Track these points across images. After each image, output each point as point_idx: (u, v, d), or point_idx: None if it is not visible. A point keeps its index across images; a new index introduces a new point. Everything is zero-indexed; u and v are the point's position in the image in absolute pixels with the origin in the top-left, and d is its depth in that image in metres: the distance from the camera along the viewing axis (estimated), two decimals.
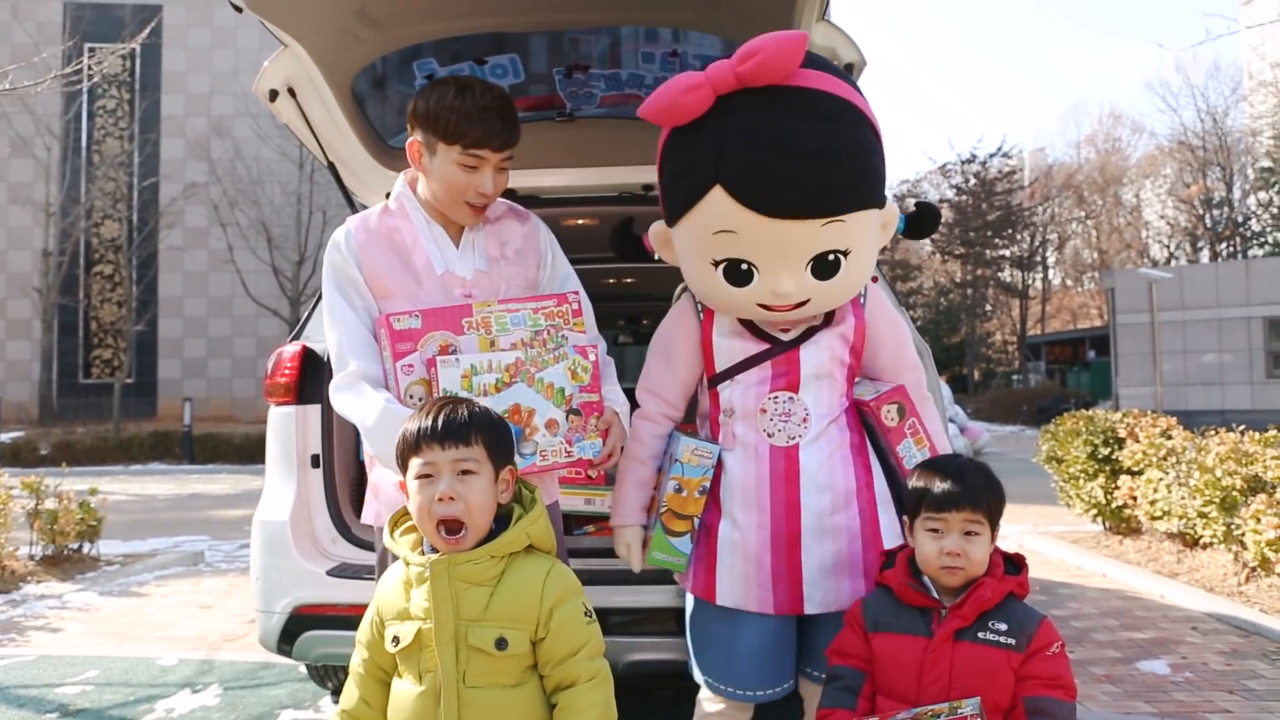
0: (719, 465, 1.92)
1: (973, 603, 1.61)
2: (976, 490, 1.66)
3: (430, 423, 1.46)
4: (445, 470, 1.43)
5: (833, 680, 1.72)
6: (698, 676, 2.01)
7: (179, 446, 16.19)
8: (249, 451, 15.37)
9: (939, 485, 1.67)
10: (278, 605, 2.51)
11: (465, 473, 1.44)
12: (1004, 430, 20.47)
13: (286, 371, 2.72)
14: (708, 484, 1.92)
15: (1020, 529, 7.17)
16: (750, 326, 1.94)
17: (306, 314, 2.94)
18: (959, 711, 1.50)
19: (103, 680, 3.80)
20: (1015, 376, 32.71)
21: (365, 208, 3.36)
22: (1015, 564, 1.71)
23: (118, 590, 5.75)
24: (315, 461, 2.65)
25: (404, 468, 1.48)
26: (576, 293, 2.02)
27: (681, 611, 2.08)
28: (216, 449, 16.02)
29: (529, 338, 1.89)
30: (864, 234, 1.80)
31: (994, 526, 1.67)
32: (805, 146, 1.68)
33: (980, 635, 1.60)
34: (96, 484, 6.75)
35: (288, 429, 2.66)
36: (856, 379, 2.02)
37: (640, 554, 1.98)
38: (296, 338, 2.86)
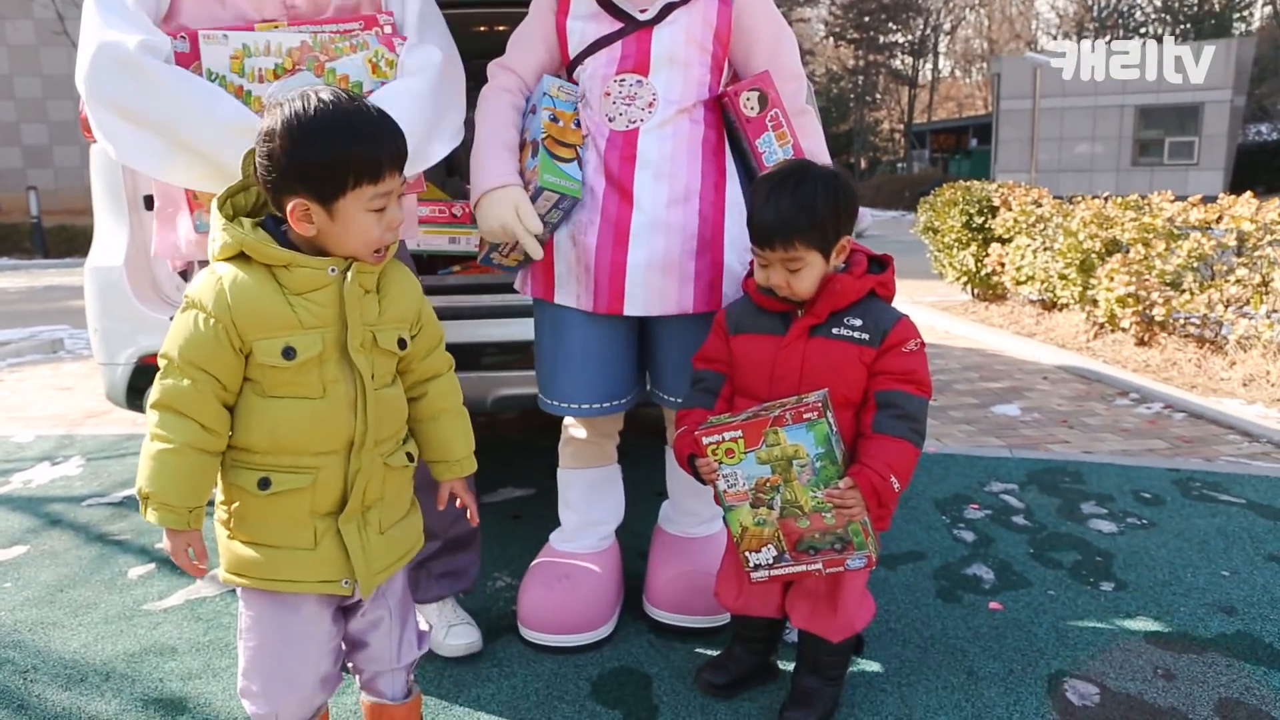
0: None
1: (824, 298, 1.57)
2: (793, 223, 1.51)
3: (382, 144, 1.27)
4: (393, 198, 1.30)
5: (695, 383, 1.71)
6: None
7: (29, 240, 15.01)
8: None
9: (760, 214, 1.56)
10: (121, 356, 2.36)
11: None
12: (886, 215, 20.99)
13: None
14: (579, 120, 1.81)
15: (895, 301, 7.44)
16: (607, 6, 1.80)
17: None
18: (805, 401, 1.51)
19: None
20: (900, 164, 33.21)
21: None
22: (881, 264, 1.66)
23: None
24: (149, 203, 2.41)
25: (323, 189, 1.24)
26: (390, 14, 1.73)
27: None
28: (72, 241, 14.92)
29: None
30: None
31: (828, 246, 1.55)
32: None
33: (834, 331, 1.57)
34: None
35: (113, 166, 2.39)
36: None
37: (531, 210, 1.76)
38: None
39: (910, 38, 33.29)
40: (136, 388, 2.39)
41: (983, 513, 2.75)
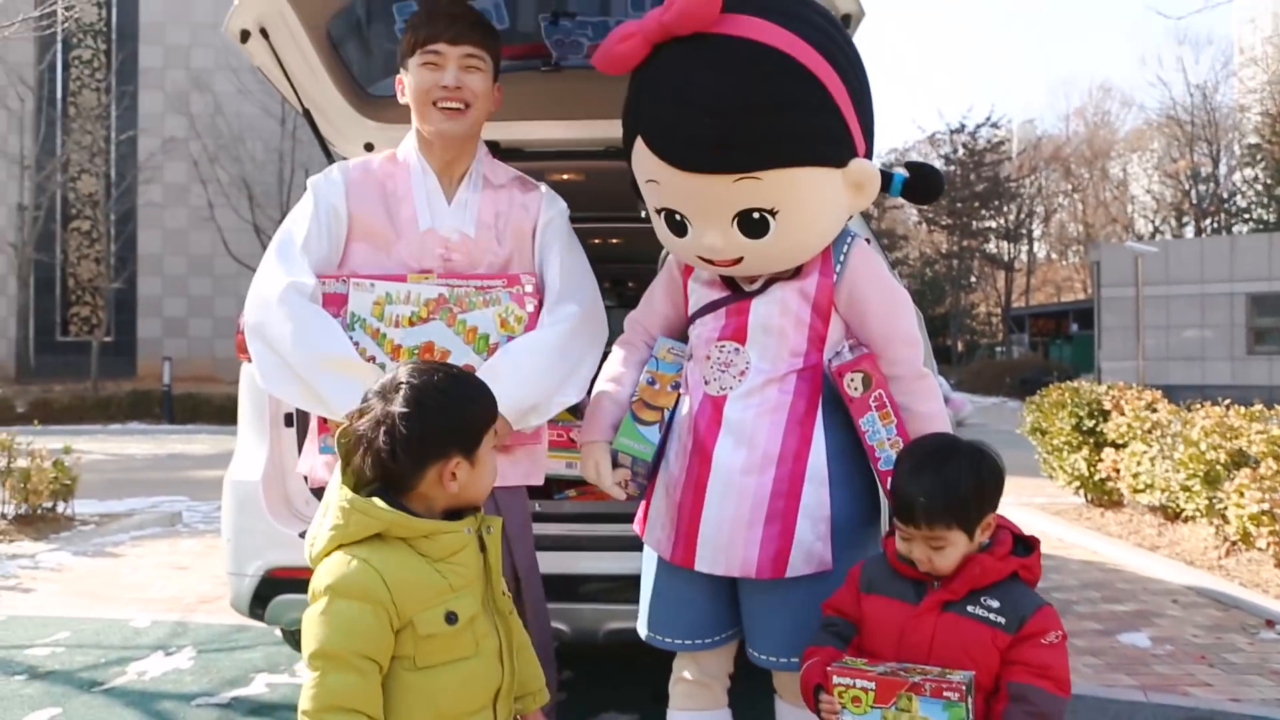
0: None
1: (964, 578, 1.53)
2: (938, 507, 1.52)
3: (485, 386, 1.48)
4: None
5: (826, 626, 1.68)
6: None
7: (158, 406, 16.03)
8: (230, 412, 14.97)
9: (904, 490, 1.57)
10: (249, 568, 2.45)
11: None
12: (987, 402, 20.55)
13: None
14: (679, 381, 1.91)
15: (1003, 500, 7.18)
16: (722, 274, 1.91)
17: None
18: (949, 677, 1.44)
19: (73, 642, 3.73)
20: (999, 348, 32.83)
21: (345, 159, 3.28)
22: (1028, 545, 1.63)
23: (92, 550, 5.67)
24: (289, 420, 2.57)
25: (468, 441, 1.38)
26: (532, 274, 1.95)
27: None
28: (197, 409, 15.87)
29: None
30: (797, 193, 1.71)
31: (972, 526, 1.55)
32: (705, 99, 1.63)
33: (969, 609, 1.53)
34: (73, 443, 6.63)
35: (259, 387, 2.57)
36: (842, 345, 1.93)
37: (609, 471, 1.89)
38: None
39: (1004, 223, 33.68)
40: (261, 598, 2.47)
41: None
